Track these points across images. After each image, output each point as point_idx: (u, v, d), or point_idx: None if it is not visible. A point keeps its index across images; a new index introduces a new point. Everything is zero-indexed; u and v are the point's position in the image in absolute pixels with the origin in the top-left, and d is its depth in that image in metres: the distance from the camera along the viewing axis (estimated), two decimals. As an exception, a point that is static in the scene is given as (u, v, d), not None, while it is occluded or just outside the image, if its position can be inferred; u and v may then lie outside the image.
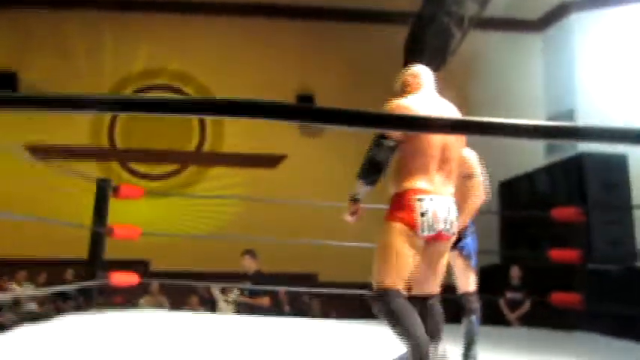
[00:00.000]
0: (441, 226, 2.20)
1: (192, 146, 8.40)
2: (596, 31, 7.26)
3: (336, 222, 7.48)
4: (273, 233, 6.80)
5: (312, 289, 6.62)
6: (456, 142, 2.36)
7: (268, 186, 7.75)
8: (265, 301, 5.23)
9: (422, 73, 2.54)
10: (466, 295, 3.02)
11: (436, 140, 2.26)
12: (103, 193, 4.33)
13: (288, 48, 8.27)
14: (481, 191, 2.97)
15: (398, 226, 2.19)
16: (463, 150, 3.00)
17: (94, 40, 8.31)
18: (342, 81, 7.98)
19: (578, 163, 6.38)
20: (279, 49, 8.21)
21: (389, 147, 2.24)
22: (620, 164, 6.16)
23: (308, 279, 7.77)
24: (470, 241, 3.01)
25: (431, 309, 2.35)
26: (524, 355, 3.41)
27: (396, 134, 2.23)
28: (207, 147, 8.39)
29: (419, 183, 2.22)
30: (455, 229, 2.31)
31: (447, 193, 2.27)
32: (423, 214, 2.17)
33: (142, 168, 8.30)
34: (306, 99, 7.96)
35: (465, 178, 2.98)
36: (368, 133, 7.03)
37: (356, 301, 7.29)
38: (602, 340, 4.36)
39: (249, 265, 5.42)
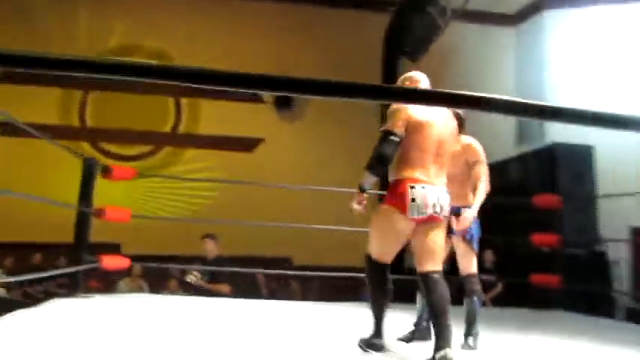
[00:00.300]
0: (430, 211, 2.52)
1: (167, 127, 8.19)
2: (567, 28, 7.58)
3: (311, 206, 7.54)
4: (248, 217, 6.80)
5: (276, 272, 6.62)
6: (450, 138, 2.70)
7: (244, 169, 7.69)
8: (225, 287, 5.21)
9: (420, 79, 2.84)
10: (468, 277, 3.17)
11: (432, 136, 2.59)
12: (90, 173, 4.21)
13: (268, 31, 8.19)
14: (485, 176, 3.12)
15: (391, 210, 2.55)
16: (466, 139, 3.16)
17: (67, 14, 7.93)
18: (320, 66, 7.98)
19: (549, 153, 6.69)
20: (259, 31, 8.12)
21: (395, 142, 2.53)
22: (587, 155, 6.51)
23: (282, 262, 7.83)
24: (473, 227, 3.15)
25: (435, 285, 2.55)
26: (506, 332, 3.61)
27: (400, 131, 2.53)
28: (182, 128, 8.20)
29: (414, 173, 2.54)
30: (446, 213, 2.61)
31: (440, 183, 2.59)
32: (413, 200, 2.50)
33: (114, 148, 8.04)
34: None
35: (471, 165, 3.13)
36: (345, 120, 7.05)
37: (331, 284, 7.44)
38: (573, 317, 4.70)
39: (211, 249, 5.41)
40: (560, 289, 4.93)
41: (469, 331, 3.09)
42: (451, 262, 3.25)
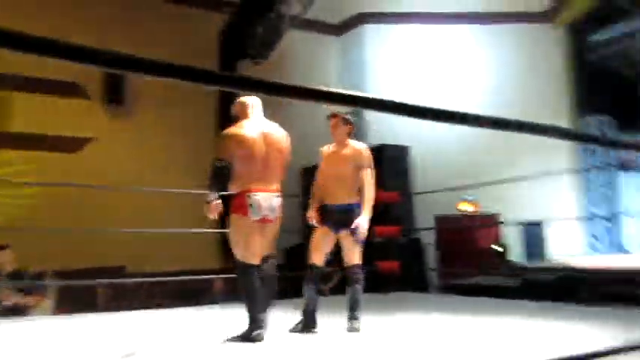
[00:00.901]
0: (264, 213, 3.12)
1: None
2: (384, 41, 8.61)
3: (144, 210, 7.17)
4: (74, 225, 6.22)
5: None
6: (278, 154, 3.21)
7: (68, 172, 6.87)
8: (33, 300, 5.01)
9: (250, 102, 3.29)
10: (352, 267, 3.49)
11: (260, 152, 3.13)
12: None
13: (94, 24, 7.39)
14: (371, 181, 3.44)
15: (237, 216, 3.13)
16: (356, 144, 3.46)
17: None
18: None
19: (375, 153, 7.51)
20: (81, 24, 7.27)
21: (222, 167, 3.07)
22: (406, 155, 7.51)
23: (116, 272, 7.26)
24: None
25: (273, 266, 3.24)
26: (375, 314, 4.03)
27: (227, 155, 3.09)
28: (-12, 125, 6.92)
29: (248, 185, 3.11)
30: (277, 215, 3.19)
31: (271, 190, 3.17)
32: (251, 205, 3.09)
33: None
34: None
35: (357, 169, 3.44)
36: (181, 119, 6.92)
37: (171, 289, 7.16)
38: (409, 295, 5.46)
39: (7, 261, 5.14)
40: (396, 274, 5.66)
41: (352, 315, 3.42)
42: (335, 253, 3.55)
